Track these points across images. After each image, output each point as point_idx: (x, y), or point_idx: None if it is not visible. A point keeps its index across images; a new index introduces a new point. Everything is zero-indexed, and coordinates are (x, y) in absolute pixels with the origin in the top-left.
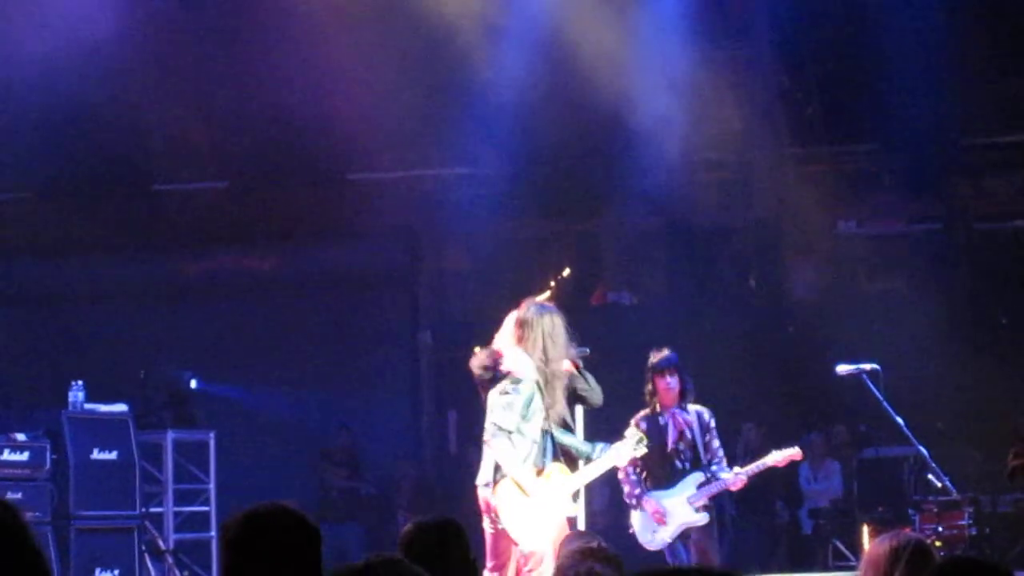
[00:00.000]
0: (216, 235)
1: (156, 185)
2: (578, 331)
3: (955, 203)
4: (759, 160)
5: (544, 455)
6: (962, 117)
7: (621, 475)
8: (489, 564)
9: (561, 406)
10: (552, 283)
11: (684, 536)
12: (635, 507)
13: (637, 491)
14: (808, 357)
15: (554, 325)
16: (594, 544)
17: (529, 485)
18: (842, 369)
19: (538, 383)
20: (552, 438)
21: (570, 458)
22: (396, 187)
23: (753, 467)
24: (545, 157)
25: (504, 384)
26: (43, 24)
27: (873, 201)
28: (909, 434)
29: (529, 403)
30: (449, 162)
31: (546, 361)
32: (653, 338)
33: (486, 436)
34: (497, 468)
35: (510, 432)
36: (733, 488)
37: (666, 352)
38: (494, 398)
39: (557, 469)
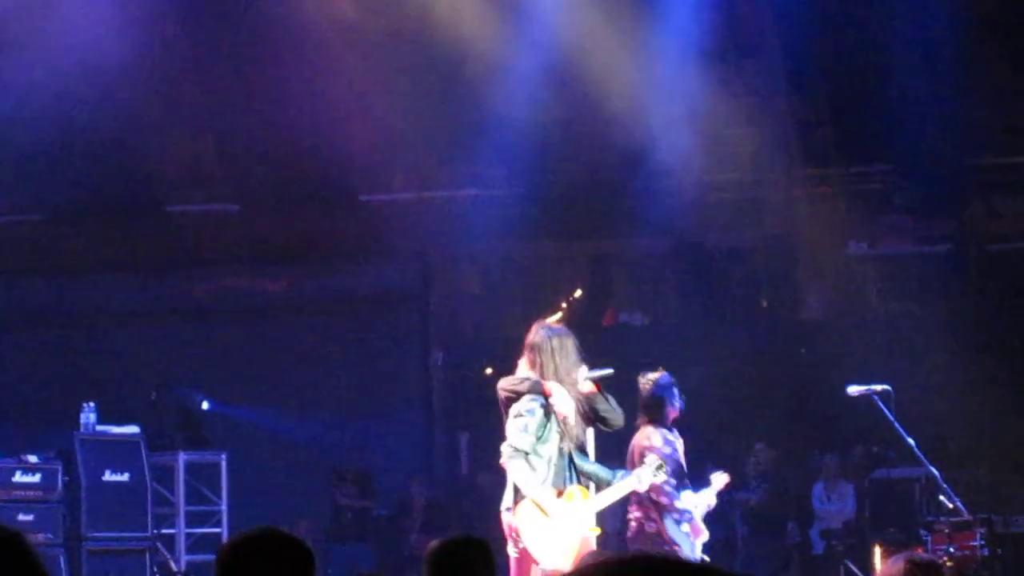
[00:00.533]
0: (228, 256)
1: (169, 207)
2: (590, 352)
3: (966, 224)
4: (771, 181)
5: (564, 477)
6: (973, 138)
7: (665, 486)
8: None
9: (578, 428)
10: (564, 304)
11: None
12: (681, 521)
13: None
14: (819, 378)
15: (562, 346)
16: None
17: (549, 505)
18: (853, 390)
19: (548, 406)
20: (572, 460)
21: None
22: (408, 209)
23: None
24: (557, 178)
25: (518, 406)
26: (59, 51)
27: (884, 222)
28: (920, 455)
29: (544, 424)
30: (461, 184)
31: (561, 382)
32: (665, 359)
33: (503, 459)
34: (517, 490)
35: (527, 453)
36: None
37: None
38: (510, 421)
39: (578, 491)
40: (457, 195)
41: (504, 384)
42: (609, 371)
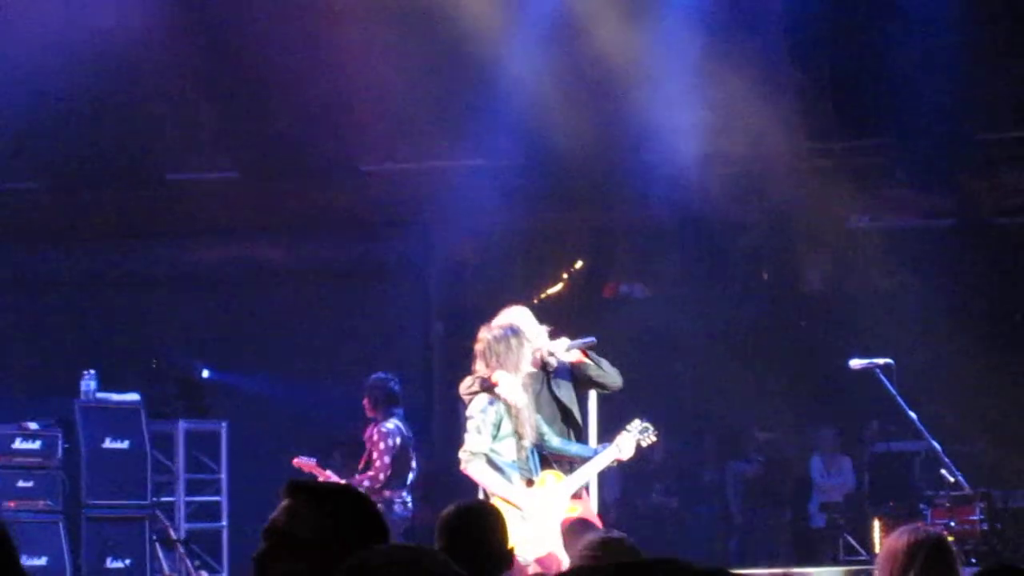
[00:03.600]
0: (228, 224)
1: (169, 174)
2: (591, 323)
3: (968, 198)
4: (772, 154)
5: (531, 468)
6: (976, 111)
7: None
8: None
9: (547, 410)
10: (564, 275)
11: None
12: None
13: None
14: (820, 351)
15: (507, 345)
16: (614, 535)
17: (519, 499)
18: (855, 363)
19: (506, 405)
20: (538, 450)
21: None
22: (409, 178)
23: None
24: (558, 149)
25: (470, 409)
26: (58, 17)
27: (886, 195)
28: (922, 428)
29: (498, 421)
30: (462, 154)
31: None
32: (665, 330)
33: (462, 465)
34: (484, 493)
35: (484, 454)
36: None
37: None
38: (467, 426)
39: (550, 476)
40: (458, 165)
41: (461, 389)
42: (590, 339)
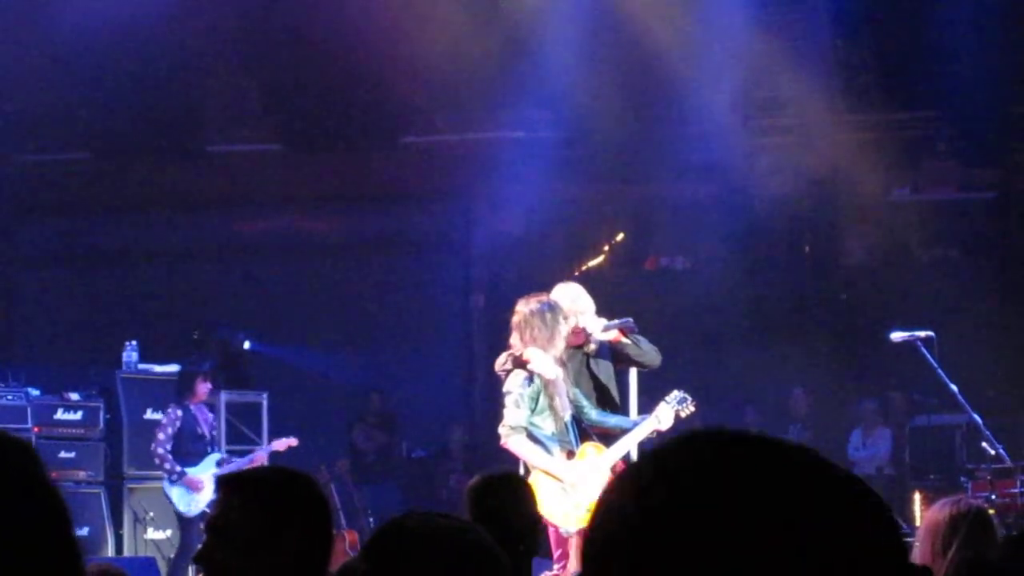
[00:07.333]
0: (270, 197)
1: (210, 147)
2: (632, 295)
3: (1010, 170)
4: (813, 126)
5: (570, 440)
6: (1018, 83)
7: (160, 450)
8: (555, 554)
9: (571, 392)
10: (605, 248)
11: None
12: (174, 482)
13: (178, 468)
14: (861, 323)
15: (543, 320)
16: None
17: (560, 470)
18: (896, 336)
19: (541, 379)
20: (576, 423)
21: (615, 438)
22: (450, 150)
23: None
24: (599, 122)
25: (507, 385)
26: None
27: (928, 168)
28: (963, 401)
29: (536, 397)
30: (503, 126)
31: (543, 350)
32: (706, 302)
33: (503, 440)
34: (525, 466)
35: (524, 428)
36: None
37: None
38: (505, 401)
39: (591, 448)
40: (499, 137)
41: (496, 366)
42: (627, 320)
